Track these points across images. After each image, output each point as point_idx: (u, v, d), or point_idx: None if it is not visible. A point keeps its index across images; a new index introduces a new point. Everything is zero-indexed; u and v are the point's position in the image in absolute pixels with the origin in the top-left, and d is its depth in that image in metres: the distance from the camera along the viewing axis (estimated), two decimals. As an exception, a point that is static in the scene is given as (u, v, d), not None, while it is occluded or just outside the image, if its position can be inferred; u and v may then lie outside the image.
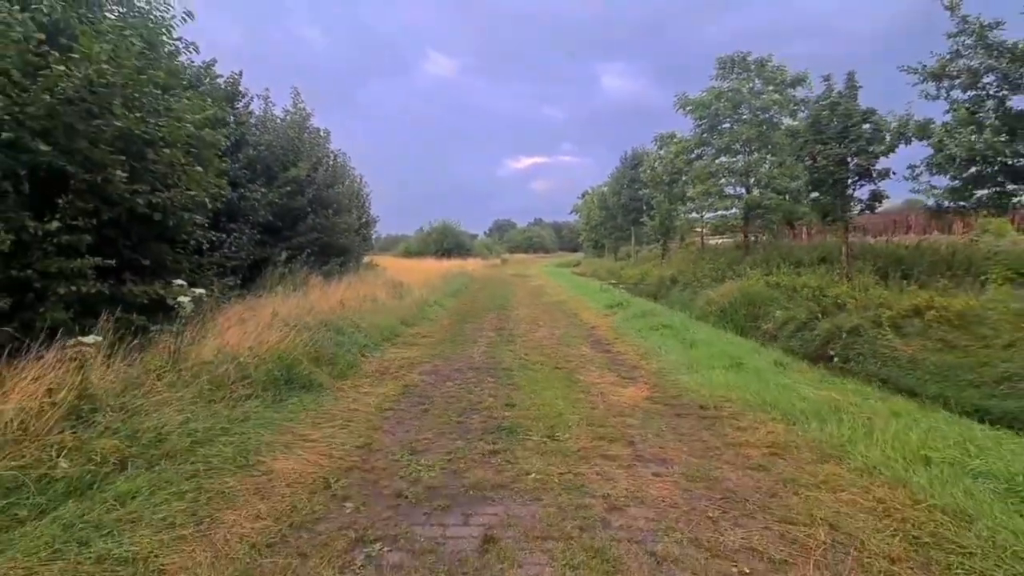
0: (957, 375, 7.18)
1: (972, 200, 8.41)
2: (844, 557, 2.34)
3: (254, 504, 2.86)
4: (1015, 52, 7.63)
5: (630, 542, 2.51)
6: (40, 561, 2.25)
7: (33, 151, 4.50)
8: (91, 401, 3.41)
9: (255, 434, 3.77)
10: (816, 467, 3.26)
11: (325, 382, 5.14)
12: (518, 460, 3.51)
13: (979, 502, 2.63)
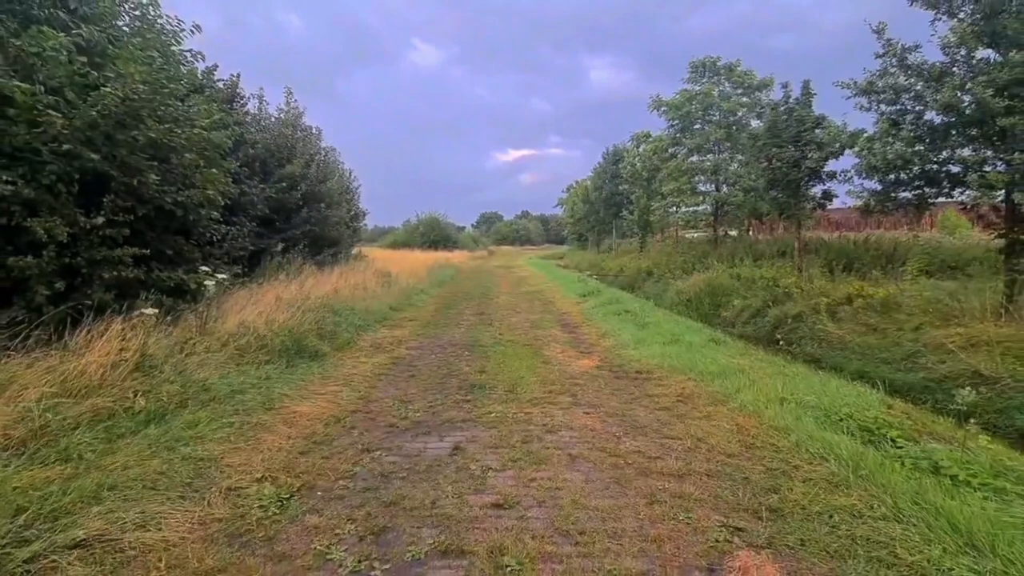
0: (875, 354, 8.45)
1: (894, 202, 9.66)
2: (697, 454, 3.49)
3: (285, 430, 3.94)
4: (930, 72, 8.86)
5: (555, 448, 3.64)
6: (142, 459, 3.29)
7: (83, 158, 5.46)
8: (151, 359, 4.43)
9: (277, 388, 4.83)
10: (705, 407, 4.42)
11: (328, 353, 6.22)
12: (483, 405, 4.63)
13: (800, 423, 3.80)
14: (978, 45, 8.42)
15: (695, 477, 3.16)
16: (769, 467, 3.23)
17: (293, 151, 13.21)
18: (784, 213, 14.23)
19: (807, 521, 2.63)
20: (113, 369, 4.15)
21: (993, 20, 8.01)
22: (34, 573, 2.22)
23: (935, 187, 9.32)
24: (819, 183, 13.26)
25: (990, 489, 2.75)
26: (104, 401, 3.81)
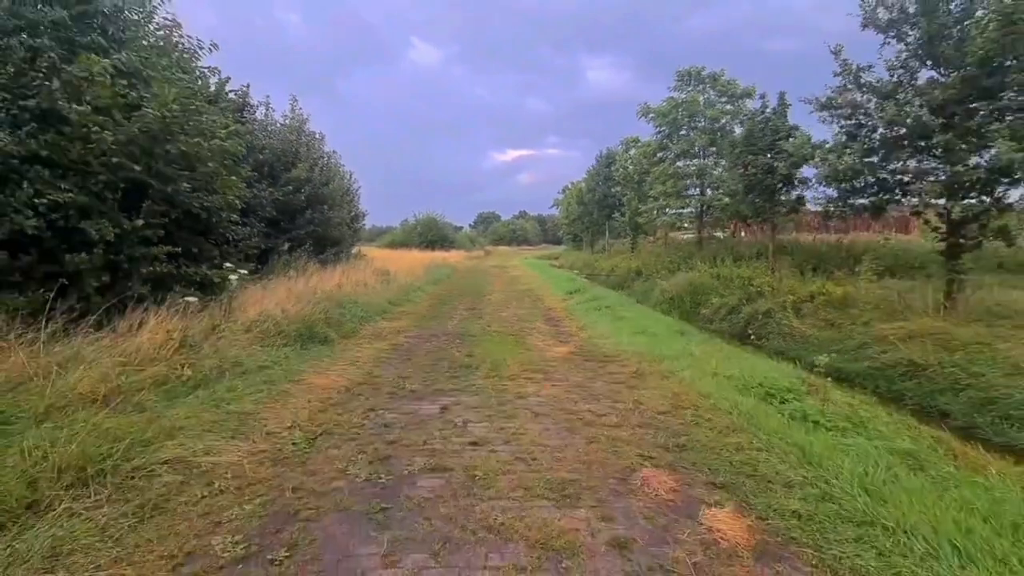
0: (830, 346, 9.43)
1: (851, 208, 10.64)
2: (636, 412, 4.45)
3: (305, 395, 4.88)
4: (882, 90, 9.84)
5: (524, 408, 4.59)
6: (197, 412, 4.23)
7: (126, 169, 6.38)
8: (191, 339, 5.37)
9: (295, 365, 5.78)
10: (652, 381, 5.37)
11: (335, 339, 7.17)
12: (468, 380, 5.58)
13: (721, 390, 4.76)
14: (921, 67, 9.42)
15: (628, 427, 4.11)
16: (687, 420, 4.18)
17: (298, 155, 14.14)
18: (760, 216, 15.23)
19: (701, 452, 3.58)
20: (163, 346, 5.09)
21: (933, 44, 8.99)
22: (139, 476, 3.16)
23: (888, 194, 10.31)
24: (792, 188, 14.26)
25: (837, 429, 3.71)
26: (159, 370, 4.75)
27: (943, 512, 2.52)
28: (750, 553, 2.44)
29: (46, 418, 3.65)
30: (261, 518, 2.80)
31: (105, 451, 3.25)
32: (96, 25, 7.32)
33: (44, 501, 2.78)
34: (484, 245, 61.08)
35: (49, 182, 5.84)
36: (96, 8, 7.36)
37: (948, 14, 8.98)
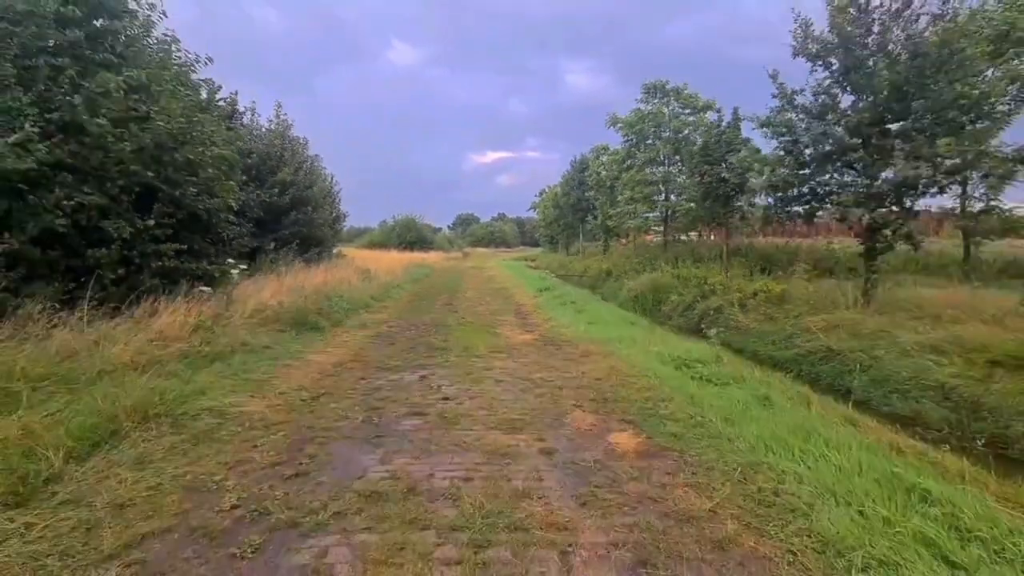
0: (766, 337, 10.75)
1: (788, 214, 12.08)
2: (577, 379, 5.60)
3: (305, 368, 5.90)
4: (812, 111, 11.28)
5: (488, 377, 5.71)
6: (220, 378, 5.21)
7: (140, 175, 7.28)
8: (204, 323, 6.32)
9: (293, 346, 6.78)
10: (597, 358, 6.54)
11: (326, 327, 8.17)
12: (443, 358, 6.66)
13: (646, 362, 5.95)
14: (841, 92, 10.88)
15: (569, 388, 5.25)
16: (615, 383, 5.35)
17: (283, 159, 15.01)
18: (716, 221, 16.69)
19: (620, 402, 4.74)
20: (182, 328, 6.04)
21: (850, 74, 10.46)
22: (187, 418, 4.16)
23: (818, 203, 11.76)
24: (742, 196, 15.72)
25: (722, 384, 4.92)
26: (182, 347, 5.71)
27: (767, 428, 3.72)
28: (635, 455, 3.59)
29: (99, 379, 4.60)
30: (286, 442, 3.84)
31: (156, 401, 4.23)
32: (107, 44, 8.16)
33: (122, 431, 3.76)
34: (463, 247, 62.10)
35: (73, 186, 6.70)
36: (107, 28, 8.21)
37: (864, 47, 10.45)
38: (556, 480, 3.20)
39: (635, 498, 2.95)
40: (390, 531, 2.61)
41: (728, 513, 2.73)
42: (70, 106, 6.95)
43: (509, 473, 3.28)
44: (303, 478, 3.25)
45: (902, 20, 10.34)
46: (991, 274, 13.21)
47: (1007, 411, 6.37)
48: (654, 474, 3.24)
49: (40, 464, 3.09)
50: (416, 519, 2.72)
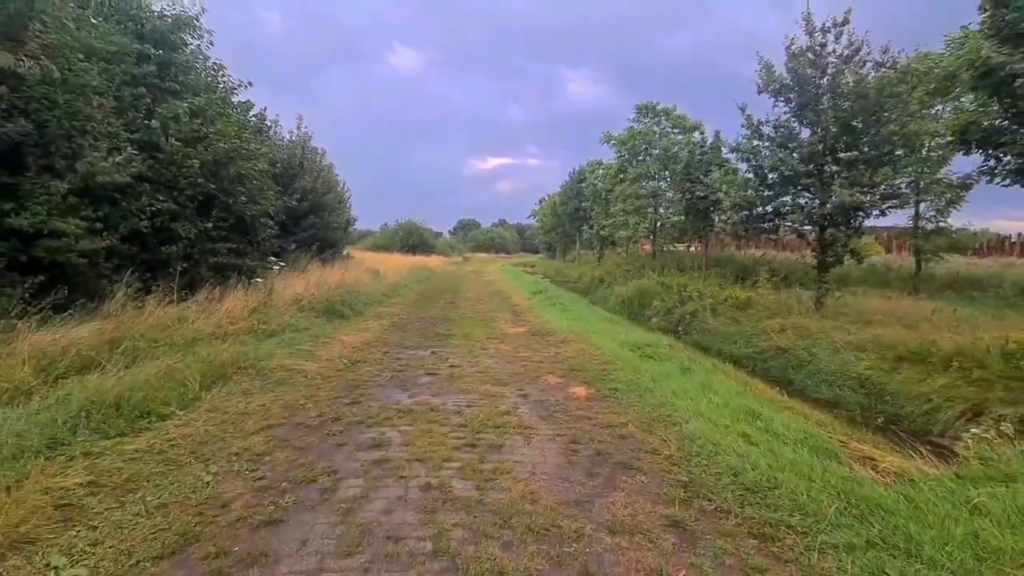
0: (731, 338, 12.40)
1: (755, 229, 13.79)
2: (554, 357, 7.27)
3: (340, 345, 7.57)
4: (776, 140, 13.02)
5: (484, 354, 7.40)
6: (278, 348, 6.89)
7: (202, 186, 8.98)
8: (259, 307, 7.99)
9: (327, 329, 8.46)
10: (572, 344, 8.22)
11: (350, 315, 9.86)
12: (449, 341, 8.34)
13: (610, 346, 7.62)
14: (799, 125, 12.63)
15: (546, 363, 6.93)
16: (583, 361, 7.02)
17: (303, 168, 16.74)
18: (696, 234, 18.43)
19: (582, 371, 6.41)
20: (242, 311, 7.71)
21: (805, 110, 12.21)
22: (264, 372, 5.82)
23: (780, 220, 13.48)
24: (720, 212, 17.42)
25: (661, 360, 6.60)
26: (244, 325, 7.38)
27: (679, 385, 5.38)
28: (584, 399, 5.26)
29: (194, 344, 6.27)
30: (340, 387, 5.52)
31: (241, 359, 5.90)
32: (171, 73, 9.90)
33: (226, 376, 5.43)
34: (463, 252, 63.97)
35: (151, 195, 8.40)
36: (170, 60, 9.96)
37: (818, 87, 12.21)
38: (527, 409, 4.87)
39: (577, 418, 4.63)
40: (420, 425, 4.28)
41: (632, 423, 4.40)
42: (148, 129, 8.69)
43: (496, 404, 4.96)
44: (358, 404, 4.93)
45: (852, 64, 12.12)
46: (936, 288, 14.92)
47: (903, 396, 8.06)
48: (593, 407, 4.92)
49: (186, 389, 4.76)
50: (435, 421, 4.40)
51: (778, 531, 2.74)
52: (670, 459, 3.67)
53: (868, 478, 3.36)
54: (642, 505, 3.02)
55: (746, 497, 3.09)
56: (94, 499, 2.95)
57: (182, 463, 3.47)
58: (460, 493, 3.12)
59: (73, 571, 2.34)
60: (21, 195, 6.55)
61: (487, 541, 2.61)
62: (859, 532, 2.67)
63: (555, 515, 2.88)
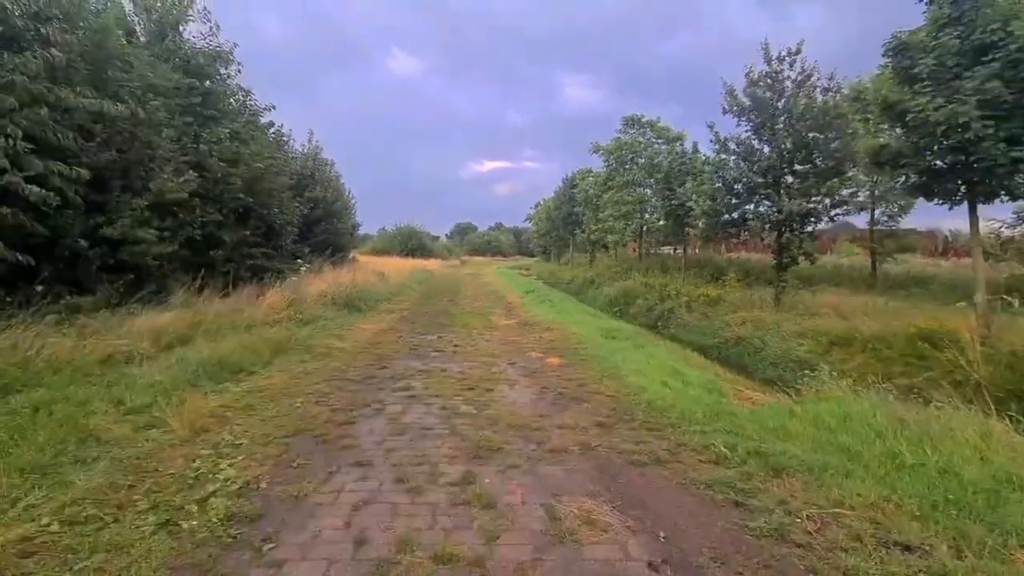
0: (701, 331, 14.15)
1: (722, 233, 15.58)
2: (539, 341, 9.02)
3: (362, 331, 9.32)
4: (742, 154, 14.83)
5: (481, 339, 9.16)
6: (313, 333, 8.62)
7: (242, 199, 10.70)
8: (295, 301, 9.72)
9: (349, 320, 10.21)
10: (554, 331, 9.97)
11: (365, 309, 11.60)
12: (452, 329, 10.09)
13: (585, 332, 9.37)
14: (758, 142, 14.44)
15: (531, 344, 8.67)
16: (561, 342, 8.77)
17: (314, 178, 18.48)
18: (676, 237, 20.21)
19: (560, 349, 8.16)
20: (281, 304, 9.43)
21: (762, 129, 14.02)
22: (308, 349, 7.54)
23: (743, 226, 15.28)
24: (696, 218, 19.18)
25: (621, 340, 8.36)
26: (286, 315, 9.11)
27: (631, 356, 7.13)
28: (558, 365, 7.00)
29: (251, 328, 7.98)
30: (370, 358, 7.25)
31: (290, 339, 7.62)
32: (211, 103, 11.63)
33: (284, 350, 7.16)
34: (460, 255, 65.83)
35: (201, 207, 10.12)
36: (209, 89, 11.69)
37: (775, 109, 14.02)
38: (512, 371, 6.62)
39: (549, 376, 6.38)
40: (434, 378, 6.04)
41: (588, 378, 6.15)
42: (197, 152, 10.42)
43: (490, 368, 6.71)
44: (386, 368, 6.68)
45: (804, 89, 13.96)
46: (889, 285, 16.74)
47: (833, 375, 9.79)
48: (562, 370, 6.67)
49: (259, 356, 6.49)
50: (445, 378, 6.15)
51: (663, 427, 4.48)
52: (608, 396, 5.42)
53: (737, 404, 5.11)
54: (582, 417, 4.76)
55: (650, 413, 4.84)
56: (230, 413, 4.68)
57: (276, 398, 5.20)
58: (465, 410, 4.88)
59: (237, 441, 4.05)
60: (108, 210, 8.27)
61: (483, 430, 4.35)
62: (712, 426, 4.41)
63: (526, 420, 4.62)
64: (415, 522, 2.92)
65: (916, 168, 9.32)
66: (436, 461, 3.74)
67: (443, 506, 3.11)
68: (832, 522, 2.95)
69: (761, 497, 3.25)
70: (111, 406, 4.38)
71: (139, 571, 2.43)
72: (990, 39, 8.16)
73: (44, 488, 3.14)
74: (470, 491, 3.28)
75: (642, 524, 2.96)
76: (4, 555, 2.48)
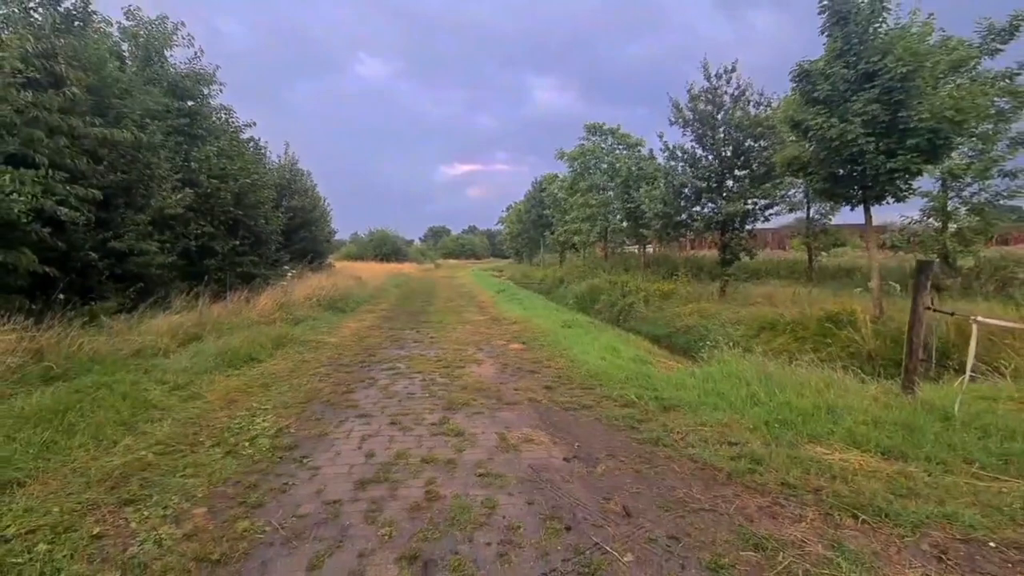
0: (655, 322, 15.69)
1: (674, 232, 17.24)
2: (506, 332, 10.39)
3: (348, 329, 10.52)
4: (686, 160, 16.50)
5: (455, 332, 10.48)
6: (304, 331, 9.79)
7: (232, 212, 11.76)
8: (284, 304, 10.85)
9: (334, 319, 11.38)
10: (519, 324, 11.35)
11: (347, 310, 12.77)
12: (428, 324, 11.35)
13: (546, 324, 10.78)
14: (701, 150, 16.14)
15: (499, 335, 10.02)
16: (524, 333, 10.14)
17: (292, 188, 19.47)
18: (635, 237, 21.86)
19: (523, 337, 9.53)
20: (272, 306, 10.55)
21: (704, 139, 15.72)
22: (300, 344, 8.73)
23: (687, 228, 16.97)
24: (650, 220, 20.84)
25: (574, 328, 9.79)
26: (279, 315, 10.23)
27: (581, 340, 8.54)
28: (518, 349, 8.36)
29: (250, 327, 9.11)
30: (358, 349, 8.49)
31: (286, 335, 8.78)
32: (198, 122, 12.66)
33: (283, 344, 8.33)
34: (435, 258, 66.80)
35: (195, 221, 11.18)
36: (197, 109, 12.72)
37: (714, 120, 15.73)
38: (481, 355, 7.97)
39: (510, 357, 7.73)
40: (415, 361, 7.34)
41: (544, 358, 7.53)
42: (188, 169, 11.46)
43: (461, 353, 8.04)
44: (373, 356, 7.94)
45: (740, 102, 15.70)
46: (821, 276, 18.67)
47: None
48: (522, 352, 8.04)
49: (263, 349, 7.66)
50: (424, 360, 7.46)
51: (593, 386, 5.89)
52: (556, 369, 6.83)
53: (655, 371, 6.57)
54: (533, 383, 6.15)
55: (586, 378, 6.25)
56: (251, 389, 5.89)
57: (286, 378, 6.42)
58: (441, 381, 6.22)
59: (263, 406, 5.27)
60: (114, 226, 9.29)
61: (455, 393, 5.70)
62: (630, 384, 5.83)
63: (488, 386, 5.98)
64: (406, 444, 4.24)
65: (820, 175, 11.06)
66: (419, 412, 5.07)
67: (426, 436, 4.44)
68: (692, 433, 4.39)
69: (650, 423, 4.68)
70: (157, 385, 5.54)
71: (221, 476, 3.67)
72: (872, 68, 9.93)
73: (132, 436, 4.34)
74: (445, 427, 4.62)
75: (564, 440, 4.34)
76: (128, 468, 3.70)
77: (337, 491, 3.44)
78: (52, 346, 6.28)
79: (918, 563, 2.68)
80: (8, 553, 2.67)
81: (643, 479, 3.63)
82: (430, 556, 2.71)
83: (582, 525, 3.01)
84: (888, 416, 4.63)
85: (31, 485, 3.40)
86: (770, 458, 3.85)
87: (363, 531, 2.95)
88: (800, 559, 2.68)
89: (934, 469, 3.72)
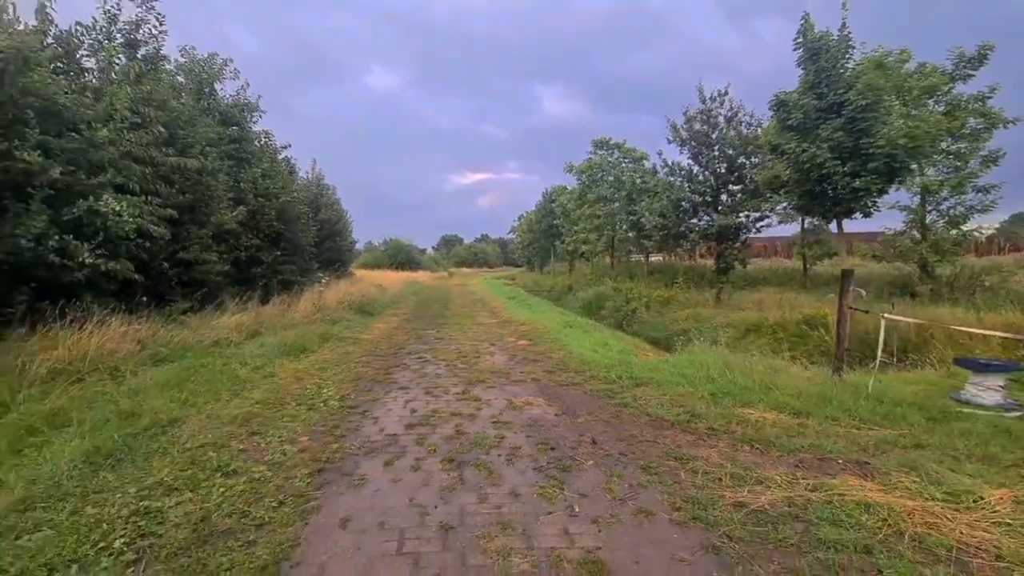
0: (655, 326, 17.10)
1: (673, 243, 18.65)
2: (514, 331, 11.90)
3: (377, 329, 12.13)
4: (684, 176, 17.95)
5: (471, 331, 12.02)
6: (342, 329, 11.40)
7: (275, 226, 13.47)
8: (322, 306, 12.49)
9: (365, 320, 13.00)
10: (528, 324, 12.86)
11: (375, 313, 14.39)
12: (446, 326, 12.91)
13: (552, 325, 12.26)
14: (697, 166, 17.60)
15: (509, 333, 11.54)
16: (531, 332, 11.64)
17: (318, 203, 21.27)
18: (638, 247, 23.27)
19: (530, 335, 11.04)
20: (312, 309, 12.19)
21: (699, 156, 17.19)
22: (341, 340, 10.33)
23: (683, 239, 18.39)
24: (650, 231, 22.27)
25: (580, 329, 11.26)
26: (315, 317, 11.86)
27: (578, 337, 10.02)
28: (525, 345, 9.87)
29: (296, 325, 10.73)
30: (390, 344, 10.06)
31: (327, 333, 10.39)
32: (244, 147, 14.42)
33: (327, 340, 9.94)
34: (447, 267, 68.74)
35: (244, 234, 12.89)
36: (243, 135, 14.48)
37: (709, 139, 17.20)
38: (494, 348, 9.49)
39: (519, 350, 9.24)
40: (438, 353, 8.88)
41: (546, 350, 9.02)
42: (238, 189, 13.20)
43: (477, 347, 9.57)
44: (404, 348, 9.50)
45: (733, 123, 17.17)
46: (816, 284, 19.91)
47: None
48: (529, 346, 9.54)
49: (312, 343, 9.26)
50: (446, 352, 9.01)
51: (584, 371, 7.37)
52: (555, 359, 8.32)
53: (636, 360, 8.02)
54: (536, 368, 7.65)
55: (579, 365, 7.74)
56: (312, 371, 7.47)
57: (336, 364, 8.01)
58: (462, 366, 7.76)
59: (324, 383, 6.83)
60: (182, 240, 11.01)
61: (473, 374, 7.23)
62: (613, 369, 7.30)
63: (500, 369, 7.50)
64: (439, 405, 5.78)
65: (796, 193, 12.49)
66: (446, 386, 6.61)
67: (452, 400, 5.98)
68: (654, 400, 5.87)
69: (623, 394, 6.16)
70: (241, 366, 7.16)
71: (310, 421, 5.23)
72: (840, 99, 11.39)
73: (238, 399, 5.93)
74: (467, 395, 6.16)
75: (556, 404, 5.84)
76: (246, 415, 5.28)
77: (394, 429, 4.99)
78: (150, 337, 7.94)
79: (782, 468, 4.13)
80: (194, 455, 4.25)
81: (610, 426, 5.11)
82: (462, 460, 4.23)
83: (562, 447, 4.51)
84: (811, 390, 6.05)
85: (187, 423, 4.99)
86: (706, 414, 5.32)
87: (416, 449, 4.49)
88: (703, 463, 4.14)
89: (826, 423, 5.15)
